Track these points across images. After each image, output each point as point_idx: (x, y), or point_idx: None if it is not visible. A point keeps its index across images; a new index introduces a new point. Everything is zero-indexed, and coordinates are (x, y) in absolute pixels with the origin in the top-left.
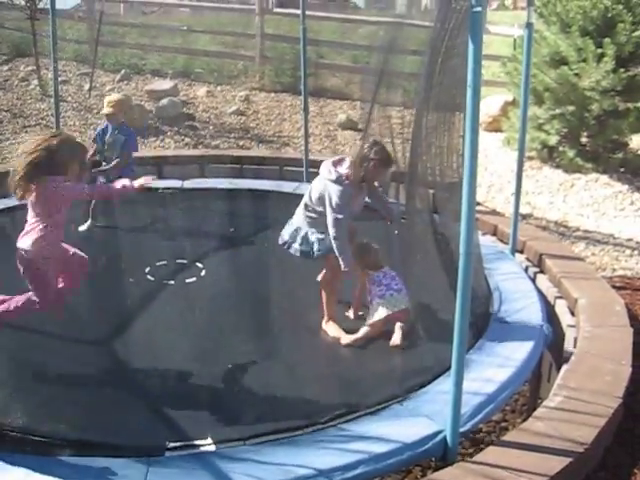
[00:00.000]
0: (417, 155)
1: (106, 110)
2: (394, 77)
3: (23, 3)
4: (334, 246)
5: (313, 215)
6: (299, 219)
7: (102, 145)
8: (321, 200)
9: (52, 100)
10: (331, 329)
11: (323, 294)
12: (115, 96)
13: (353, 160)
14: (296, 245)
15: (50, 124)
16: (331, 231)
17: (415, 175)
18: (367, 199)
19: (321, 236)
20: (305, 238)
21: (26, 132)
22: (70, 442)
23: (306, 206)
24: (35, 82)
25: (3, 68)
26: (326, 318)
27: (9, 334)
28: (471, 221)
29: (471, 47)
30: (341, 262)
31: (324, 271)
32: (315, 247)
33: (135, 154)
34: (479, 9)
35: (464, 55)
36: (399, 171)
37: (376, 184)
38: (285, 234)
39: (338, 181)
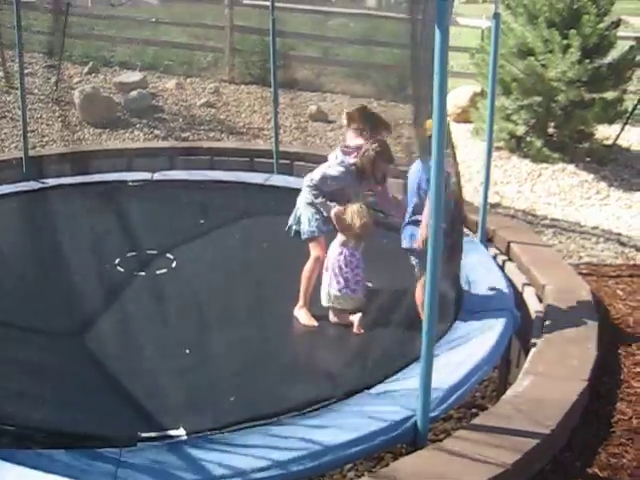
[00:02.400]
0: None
1: None
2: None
3: None
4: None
5: (309, 196)
6: (299, 201)
7: None
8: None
9: (18, 92)
10: (302, 316)
11: (302, 281)
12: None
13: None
14: (292, 225)
15: (16, 116)
16: (308, 192)
17: None
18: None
19: (316, 216)
20: (299, 218)
21: None
22: (41, 433)
23: (307, 187)
24: (0, 74)
25: None
26: (300, 304)
27: None
28: (439, 211)
29: (438, 37)
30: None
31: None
32: (305, 227)
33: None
34: None
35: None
36: None
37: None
38: (290, 218)
39: (341, 164)
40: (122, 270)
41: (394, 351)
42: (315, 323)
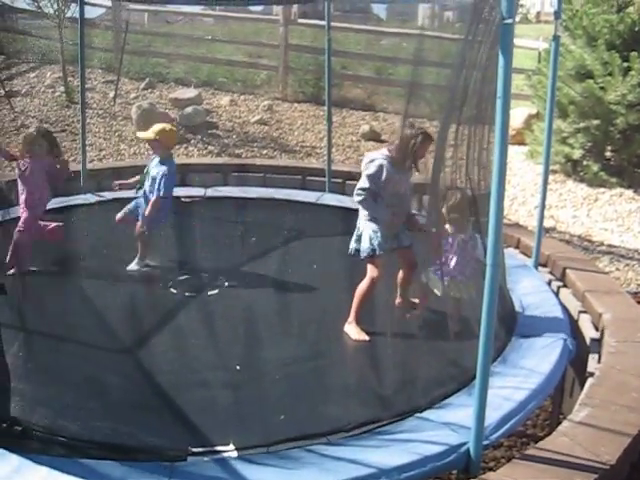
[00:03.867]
0: (440, 167)
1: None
2: (419, 89)
3: (52, 12)
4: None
5: (363, 208)
6: (359, 219)
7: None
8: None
9: (77, 107)
10: (352, 331)
11: (355, 298)
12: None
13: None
14: (353, 243)
15: (75, 130)
16: (355, 198)
17: (437, 187)
18: None
19: (377, 234)
20: (359, 236)
21: None
22: (94, 445)
23: (356, 197)
24: (61, 89)
25: (30, 75)
26: (349, 320)
27: (39, 338)
28: (499, 233)
29: (502, 59)
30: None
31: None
32: (365, 245)
33: None
34: (510, 21)
35: (493, 67)
36: (420, 182)
37: None
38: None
39: (372, 161)
40: (174, 291)
41: (446, 373)
42: (366, 337)
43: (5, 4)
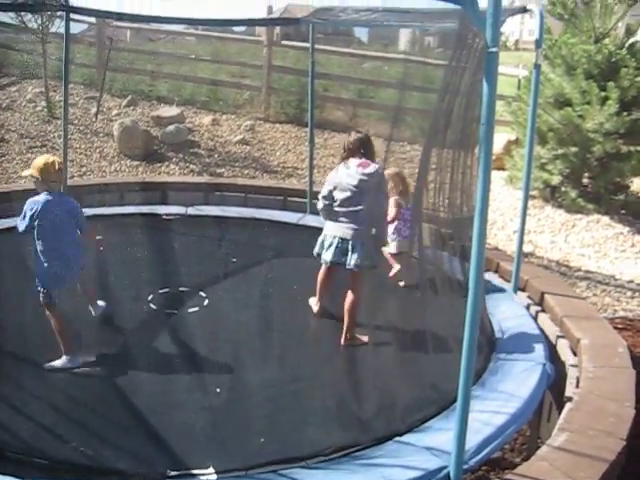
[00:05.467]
0: (421, 191)
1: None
2: (399, 112)
3: (35, 26)
4: None
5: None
6: (345, 232)
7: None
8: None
9: (59, 122)
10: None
11: (346, 318)
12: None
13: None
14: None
15: (56, 145)
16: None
17: (419, 211)
18: None
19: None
20: (346, 248)
21: (31, 153)
22: (70, 466)
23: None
24: (43, 104)
25: (11, 89)
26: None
27: (14, 360)
28: (481, 257)
29: (486, 87)
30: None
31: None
32: (359, 260)
33: (139, 179)
34: (495, 49)
35: (475, 93)
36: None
37: None
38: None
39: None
40: (154, 307)
41: (426, 397)
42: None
43: None
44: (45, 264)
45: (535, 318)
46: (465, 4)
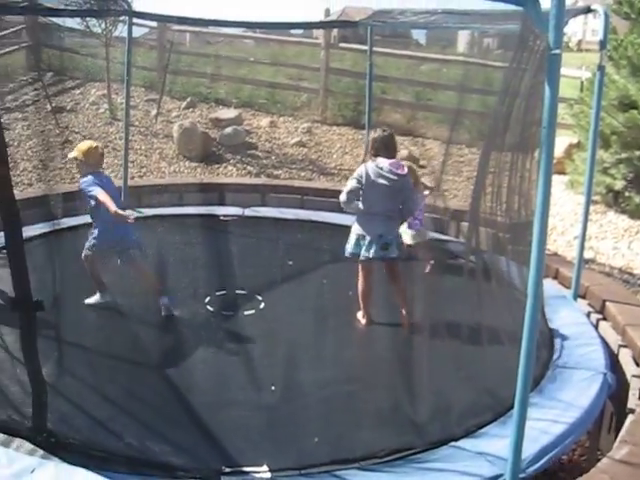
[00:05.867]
0: (480, 194)
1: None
2: (458, 115)
3: (99, 31)
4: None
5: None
6: (392, 229)
7: None
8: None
9: (120, 124)
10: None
11: (404, 306)
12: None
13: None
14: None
15: (117, 147)
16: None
17: (477, 214)
18: None
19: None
20: (388, 244)
21: None
22: (127, 459)
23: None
24: (105, 106)
25: (75, 92)
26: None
27: (74, 353)
28: (541, 262)
29: (548, 89)
30: None
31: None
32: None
33: (197, 180)
34: (558, 51)
35: (536, 95)
36: (459, 209)
37: None
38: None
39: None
40: (211, 309)
41: (482, 402)
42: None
43: (56, 23)
44: (96, 231)
45: (596, 326)
46: (527, 5)
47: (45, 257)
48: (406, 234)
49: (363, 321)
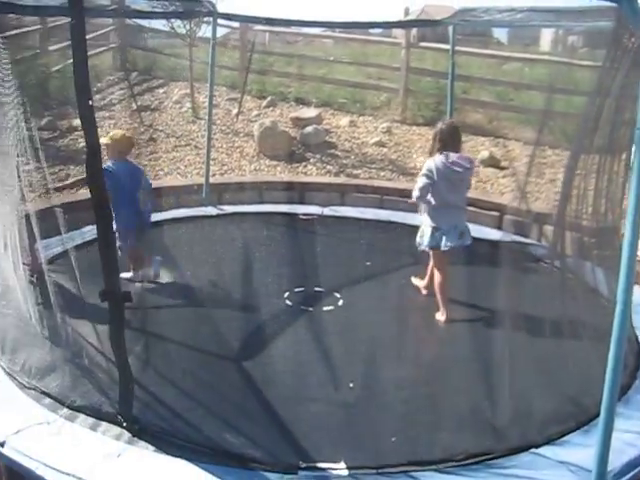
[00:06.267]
0: (566, 197)
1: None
2: (542, 115)
3: (184, 32)
4: None
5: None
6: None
7: None
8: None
9: (202, 122)
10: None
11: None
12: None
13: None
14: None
15: (199, 145)
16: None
17: (563, 218)
18: None
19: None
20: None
21: (177, 151)
22: (207, 449)
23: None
24: (188, 105)
25: (159, 91)
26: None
27: (157, 343)
28: (631, 269)
29: None
30: None
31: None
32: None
33: (277, 179)
34: None
35: (627, 95)
36: (541, 212)
37: None
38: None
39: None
40: (290, 304)
41: (565, 409)
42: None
43: (141, 25)
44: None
45: None
46: (622, 2)
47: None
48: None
49: (443, 318)
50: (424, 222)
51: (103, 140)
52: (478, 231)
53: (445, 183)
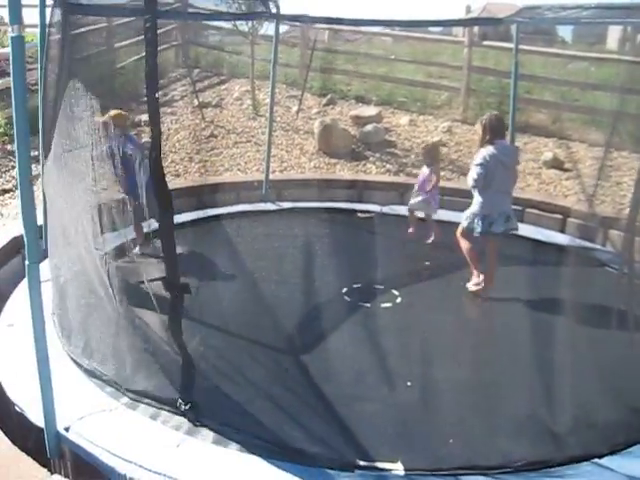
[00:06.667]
0: (638, 202)
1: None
2: (609, 117)
3: (246, 30)
4: None
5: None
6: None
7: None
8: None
9: (263, 119)
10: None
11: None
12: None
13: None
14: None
15: (259, 141)
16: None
17: (634, 224)
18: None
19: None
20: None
21: (237, 147)
22: (264, 443)
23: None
24: (248, 102)
25: (221, 88)
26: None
27: (215, 335)
28: None
29: None
30: None
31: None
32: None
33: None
34: None
35: None
36: (607, 216)
37: None
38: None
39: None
40: (348, 299)
41: (629, 420)
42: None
43: (204, 23)
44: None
45: None
46: None
47: (191, 244)
48: (421, 207)
49: (474, 288)
50: (471, 209)
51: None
52: (541, 234)
53: (497, 171)
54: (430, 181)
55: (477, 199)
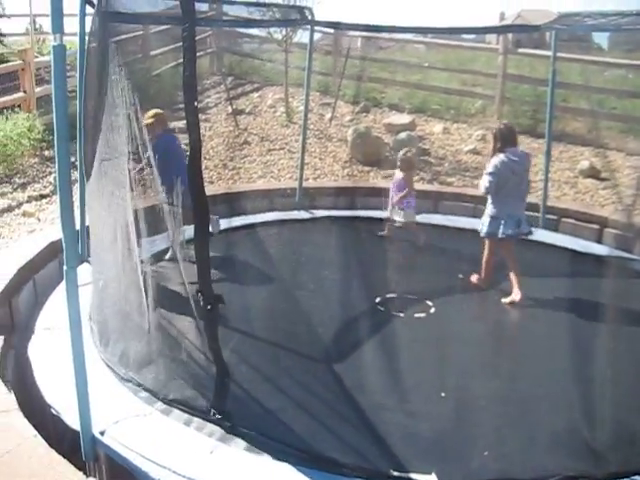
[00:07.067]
0: None
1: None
2: None
3: (280, 38)
4: None
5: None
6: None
7: None
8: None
9: (296, 126)
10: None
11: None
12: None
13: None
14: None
15: (292, 148)
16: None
17: None
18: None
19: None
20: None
21: (270, 155)
22: (296, 450)
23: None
24: (282, 109)
25: (254, 95)
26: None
27: (253, 343)
28: None
29: None
30: None
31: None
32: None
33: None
34: None
35: None
36: None
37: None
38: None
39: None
40: (382, 309)
41: None
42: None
43: (238, 31)
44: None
45: None
46: None
47: (224, 251)
48: (398, 215)
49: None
50: (485, 212)
51: (146, 121)
52: (578, 244)
53: (509, 177)
54: (401, 194)
55: (488, 203)
